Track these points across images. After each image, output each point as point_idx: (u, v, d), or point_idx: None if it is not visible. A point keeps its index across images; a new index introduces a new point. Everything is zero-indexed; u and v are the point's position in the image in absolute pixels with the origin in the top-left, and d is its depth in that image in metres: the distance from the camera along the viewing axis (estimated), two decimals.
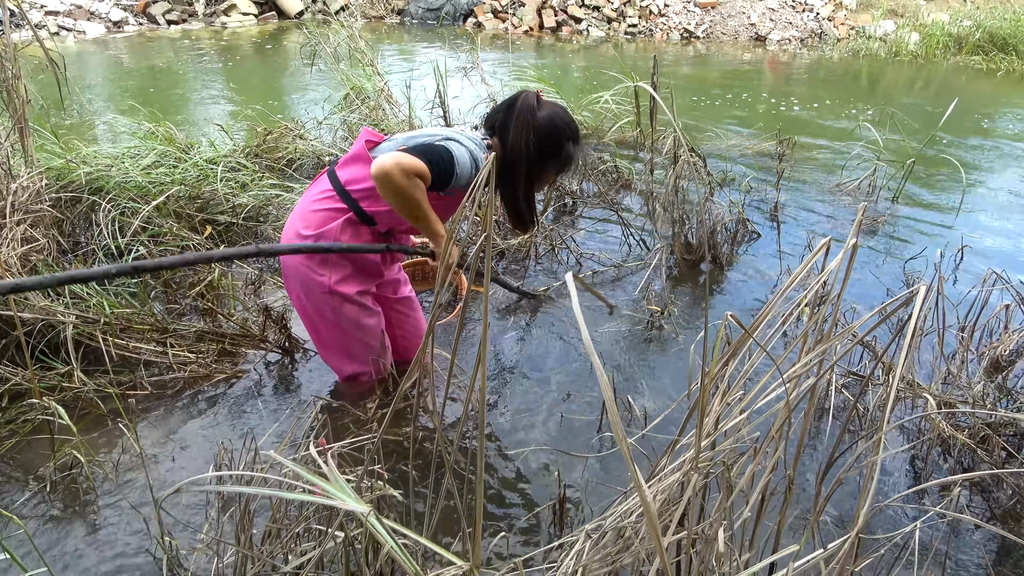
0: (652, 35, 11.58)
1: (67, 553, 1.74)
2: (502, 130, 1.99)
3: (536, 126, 1.95)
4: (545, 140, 1.97)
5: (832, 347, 1.17)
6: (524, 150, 1.96)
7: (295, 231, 2.03)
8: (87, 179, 3.16)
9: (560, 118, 2.00)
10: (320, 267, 2.03)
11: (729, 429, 1.23)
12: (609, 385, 0.66)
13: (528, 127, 1.94)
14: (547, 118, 1.97)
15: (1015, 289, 2.65)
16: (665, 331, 2.82)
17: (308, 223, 2.01)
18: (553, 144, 1.99)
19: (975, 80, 8.66)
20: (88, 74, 7.52)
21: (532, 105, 1.95)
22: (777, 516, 1.29)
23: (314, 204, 2.02)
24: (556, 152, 2.01)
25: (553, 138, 1.98)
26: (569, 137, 2.01)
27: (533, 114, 1.94)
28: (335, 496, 0.63)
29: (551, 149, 2.00)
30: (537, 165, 2.01)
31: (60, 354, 2.33)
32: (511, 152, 1.97)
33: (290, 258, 2.05)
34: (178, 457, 2.09)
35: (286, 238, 2.06)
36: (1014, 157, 5.43)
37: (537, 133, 1.95)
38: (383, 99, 4.48)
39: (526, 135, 1.94)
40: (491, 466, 2.10)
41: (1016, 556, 1.85)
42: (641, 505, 1.23)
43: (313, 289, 2.06)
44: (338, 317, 2.11)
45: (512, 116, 1.95)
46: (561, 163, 2.06)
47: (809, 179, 4.66)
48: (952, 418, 2.19)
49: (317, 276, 2.03)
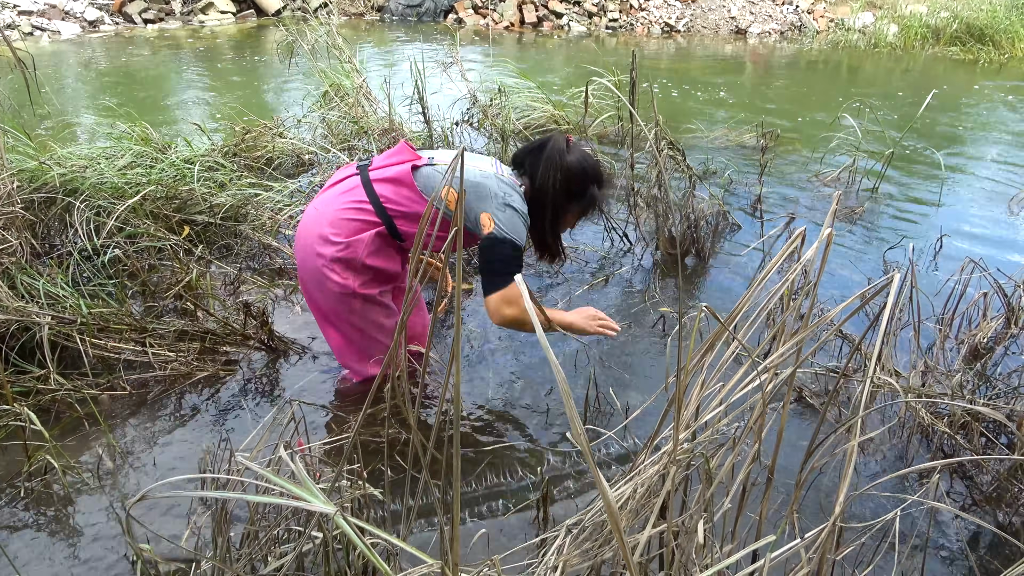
0: (633, 29, 11.59)
1: (39, 560, 1.72)
2: (532, 169, 2.07)
3: (564, 167, 2.04)
4: (572, 181, 2.06)
5: (809, 336, 1.17)
6: (551, 189, 2.05)
7: (322, 235, 2.01)
8: (61, 181, 3.11)
9: (587, 162, 2.09)
10: (344, 271, 2.03)
11: (708, 421, 1.23)
12: (565, 379, 0.65)
13: (557, 168, 2.03)
14: (575, 161, 2.06)
15: (992, 277, 2.67)
16: (652, 323, 2.82)
17: (339, 230, 2.00)
18: (579, 186, 2.08)
19: (953, 70, 8.74)
20: (63, 75, 7.41)
21: (562, 148, 2.04)
22: (759, 508, 1.29)
23: (347, 212, 2.01)
24: (581, 193, 2.10)
25: (579, 180, 2.07)
26: (594, 180, 2.11)
27: (562, 156, 2.04)
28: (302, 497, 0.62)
29: (577, 190, 2.09)
30: (563, 204, 2.10)
31: (36, 356, 2.30)
32: (539, 190, 2.06)
33: (310, 260, 2.04)
34: (158, 459, 2.07)
35: (309, 239, 2.04)
36: (992, 146, 5.49)
37: (565, 174, 2.04)
38: (362, 96, 4.44)
39: (554, 175, 2.03)
40: (473, 462, 2.09)
41: (995, 540, 1.86)
42: (620, 498, 1.23)
43: (335, 292, 2.05)
44: (362, 320, 2.11)
45: (542, 157, 2.04)
46: (586, 204, 2.14)
47: (789, 170, 4.68)
48: (933, 406, 2.20)
49: (340, 279, 2.03)
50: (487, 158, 2.12)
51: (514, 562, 1.54)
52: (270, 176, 3.86)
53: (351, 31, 10.83)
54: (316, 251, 2.02)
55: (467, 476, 2.04)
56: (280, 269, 3.17)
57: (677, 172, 3.90)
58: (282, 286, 3.04)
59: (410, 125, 4.40)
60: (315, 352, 2.61)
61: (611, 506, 0.63)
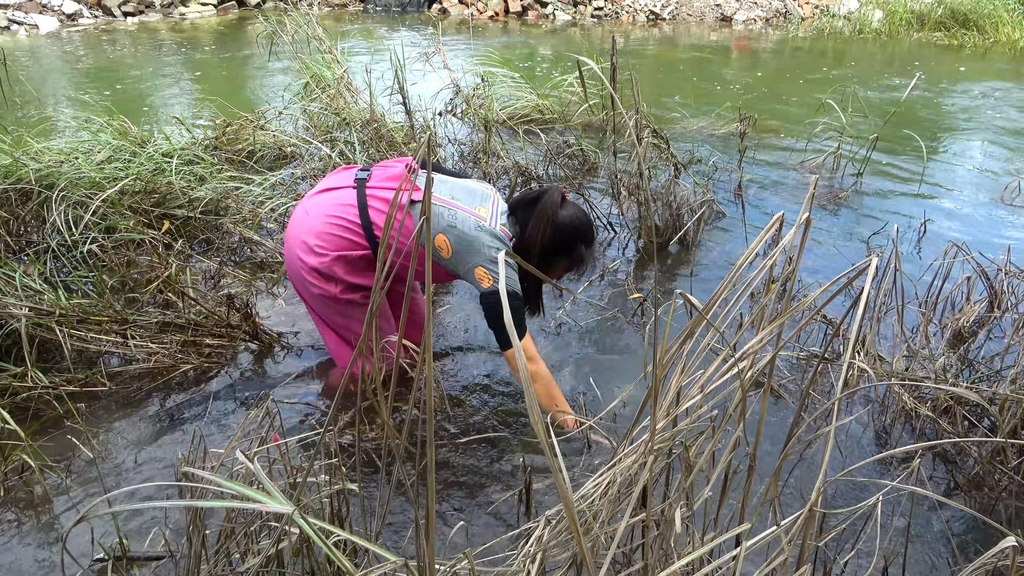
0: (618, 18, 11.54)
1: (12, 560, 1.69)
2: (523, 218, 2.07)
3: (555, 223, 2.03)
4: (560, 236, 2.05)
5: (789, 321, 1.16)
6: (539, 241, 2.03)
7: (307, 244, 1.98)
8: (36, 176, 3.06)
9: (580, 220, 2.09)
10: (324, 282, 2.01)
11: (688, 408, 1.21)
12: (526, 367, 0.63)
13: (548, 221, 2.02)
14: (567, 218, 2.06)
15: (975, 261, 2.67)
16: (639, 312, 2.81)
17: (324, 243, 1.97)
18: (568, 243, 2.08)
19: (938, 55, 8.75)
20: (41, 69, 7.31)
21: (556, 202, 2.04)
22: (742, 495, 1.28)
23: (334, 227, 1.97)
24: (569, 251, 2.10)
25: (569, 237, 2.07)
26: (583, 239, 2.10)
27: (555, 210, 2.03)
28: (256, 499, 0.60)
29: (565, 247, 2.08)
30: (549, 258, 2.09)
31: (13, 354, 2.26)
32: (527, 240, 2.05)
33: (294, 262, 2.02)
34: (138, 456, 2.04)
35: (293, 242, 2.01)
36: (976, 131, 5.50)
37: (555, 229, 2.04)
38: (343, 87, 4.40)
39: (544, 228, 2.02)
40: (453, 454, 2.08)
41: (977, 523, 1.87)
42: (599, 487, 1.22)
43: (315, 295, 2.04)
44: (346, 319, 2.10)
45: (535, 209, 2.03)
46: (572, 262, 2.14)
47: (773, 157, 4.68)
48: (916, 390, 2.21)
49: (322, 285, 2.01)
50: (488, 196, 2.07)
51: (496, 553, 1.53)
52: (251, 169, 3.81)
53: (334, 22, 10.73)
54: (299, 256, 2.00)
55: (448, 468, 2.03)
56: (262, 262, 3.14)
57: (662, 160, 3.88)
58: (264, 279, 3.01)
59: (392, 116, 4.35)
60: (300, 345, 2.58)
61: (568, 501, 0.62)
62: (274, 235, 3.31)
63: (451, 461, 2.05)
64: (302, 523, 0.61)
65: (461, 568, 0.99)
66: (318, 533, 0.64)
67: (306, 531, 0.63)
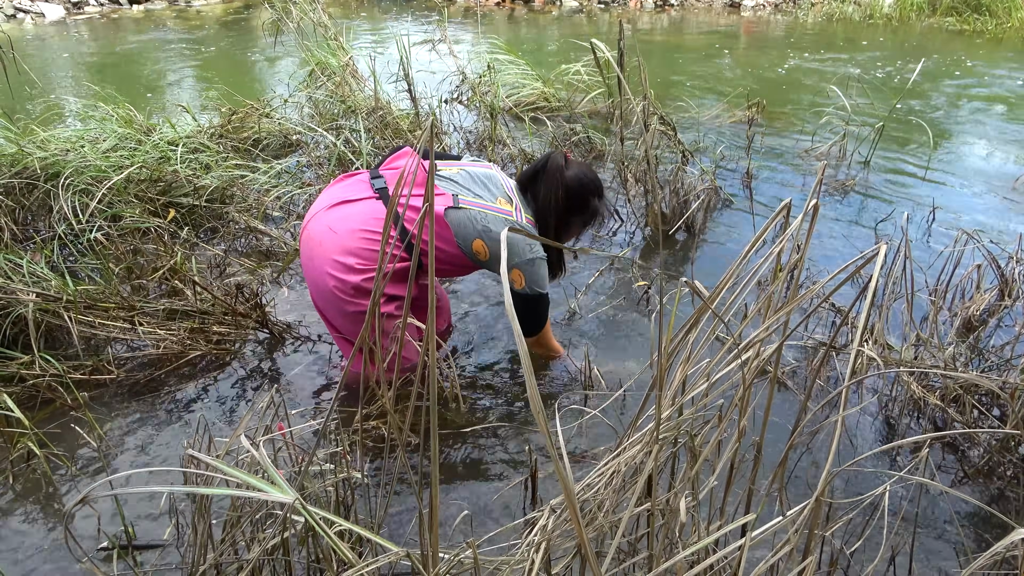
0: (626, 4, 11.45)
1: (19, 548, 1.70)
2: (534, 190, 2.13)
3: (565, 184, 2.10)
4: (573, 196, 2.12)
5: (797, 309, 1.15)
6: (554, 206, 2.10)
7: (342, 264, 1.94)
8: (42, 165, 3.06)
9: (587, 176, 2.15)
10: (359, 298, 1.97)
11: (694, 397, 1.20)
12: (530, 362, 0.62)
13: (558, 185, 2.08)
14: (575, 176, 2.12)
15: (986, 248, 2.65)
16: (644, 300, 2.80)
17: (363, 258, 1.94)
18: (580, 200, 2.14)
19: (949, 41, 8.65)
20: (47, 57, 7.31)
21: (561, 165, 2.09)
22: (747, 485, 1.27)
23: (370, 240, 1.94)
24: (583, 207, 2.16)
25: (580, 195, 2.14)
26: (594, 193, 2.17)
27: (562, 173, 2.09)
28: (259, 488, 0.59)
29: (578, 204, 2.15)
30: (565, 219, 2.15)
31: (20, 342, 2.27)
32: (543, 210, 2.11)
33: (322, 281, 1.97)
34: (146, 444, 2.05)
35: (322, 261, 1.96)
36: (987, 118, 5.44)
37: (566, 191, 2.10)
38: (348, 75, 4.38)
39: (556, 193, 2.09)
40: (458, 442, 2.08)
41: (986, 514, 1.85)
42: (604, 476, 1.21)
43: (352, 314, 2.01)
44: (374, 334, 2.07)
45: (543, 176, 2.10)
46: (588, 217, 2.20)
47: (781, 145, 4.63)
48: (924, 379, 2.19)
49: (358, 302, 1.98)
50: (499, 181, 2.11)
51: (501, 542, 1.53)
52: (257, 157, 3.81)
53: (340, 9, 10.69)
54: (332, 274, 1.94)
55: (453, 456, 2.03)
56: (267, 251, 3.14)
57: (669, 148, 3.86)
58: (270, 267, 3.01)
59: (397, 103, 4.33)
60: (309, 334, 2.58)
61: (569, 490, 0.61)
62: (279, 223, 3.30)
63: (456, 450, 2.05)
64: (305, 512, 0.61)
65: (465, 557, 0.99)
66: (320, 523, 0.63)
67: (310, 520, 0.63)
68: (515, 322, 0.68)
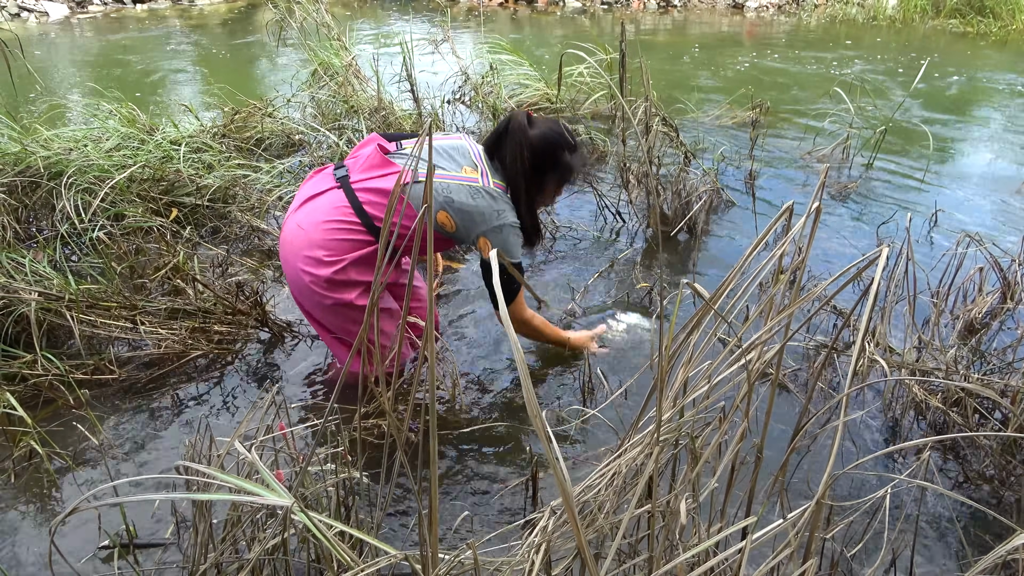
0: (629, 5, 11.44)
1: (18, 546, 1.70)
2: (500, 155, 2.04)
3: (530, 143, 2.00)
4: (540, 155, 2.02)
5: (798, 311, 1.15)
6: (521, 168, 2.00)
7: (313, 258, 1.94)
8: (45, 164, 3.07)
9: (552, 131, 2.04)
10: (339, 291, 1.97)
11: (695, 399, 1.20)
12: (524, 359, 0.62)
13: (522, 146, 1.99)
14: (539, 135, 2.02)
15: (988, 251, 2.64)
16: (646, 301, 2.80)
17: (331, 251, 1.93)
18: (549, 158, 2.04)
19: (953, 43, 8.63)
20: (51, 56, 7.32)
21: (523, 124, 2.00)
22: (748, 487, 1.27)
23: (337, 232, 1.94)
24: (554, 165, 2.06)
25: (548, 152, 2.03)
26: (563, 147, 2.05)
27: (525, 133, 1.99)
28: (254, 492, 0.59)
29: (548, 163, 2.04)
30: (538, 181, 2.06)
31: (22, 341, 2.27)
32: (510, 172, 2.02)
33: (298, 279, 1.98)
34: (148, 443, 2.05)
35: (295, 259, 1.96)
36: (990, 120, 5.43)
37: (532, 151, 2.01)
38: (351, 75, 4.38)
39: (521, 154, 1.99)
40: (459, 443, 2.07)
41: (987, 517, 1.85)
42: (604, 477, 1.21)
43: (330, 306, 2.00)
44: (356, 325, 2.06)
45: (506, 139, 2.01)
46: (561, 174, 2.10)
47: (783, 147, 4.63)
48: (926, 381, 2.18)
49: (336, 295, 1.97)
50: (466, 150, 2.06)
51: (501, 544, 1.53)
52: (259, 157, 3.81)
53: (343, 9, 10.69)
54: (305, 270, 1.95)
55: (453, 458, 2.03)
56: (269, 251, 3.14)
57: (671, 149, 3.85)
58: (272, 267, 3.01)
59: (400, 103, 4.33)
60: (309, 333, 2.58)
61: (567, 493, 0.61)
62: (282, 223, 3.30)
63: (456, 450, 2.05)
64: (301, 516, 0.61)
65: (465, 558, 0.99)
66: (318, 526, 0.63)
67: (307, 523, 0.63)
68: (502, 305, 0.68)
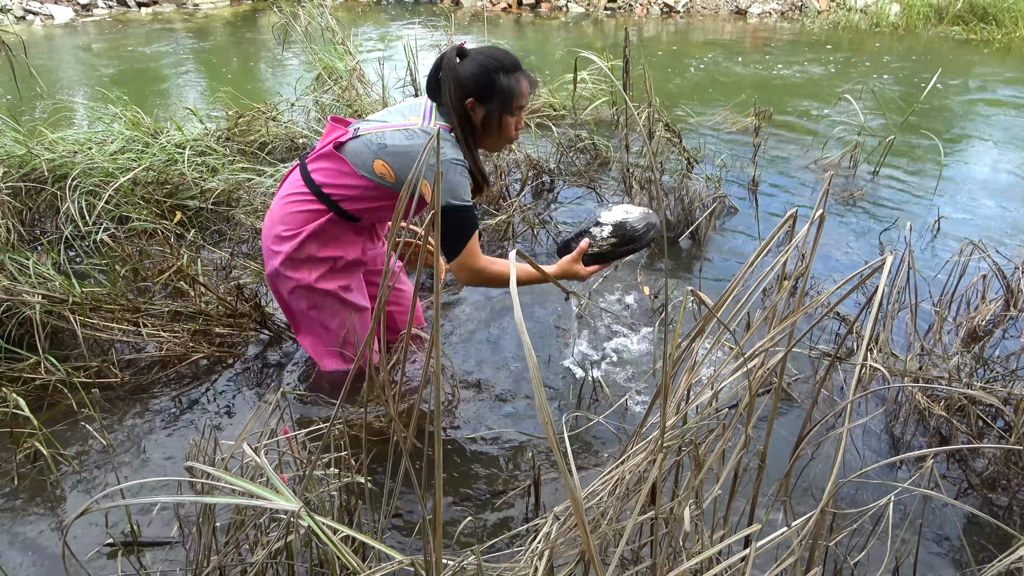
0: (632, 10, 11.47)
1: (23, 547, 1.70)
2: (440, 96, 1.90)
3: (460, 77, 1.85)
4: (474, 83, 1.85)
5: (801, 319, 1.15)
6: (457, 104, 1.86)
7: (274, 233, 1.99)
8: (50, 166, 3.08)
9: (484, 56, 1.87)
10: (298, 270, 1.99)
11: (698, 406, 1.20)
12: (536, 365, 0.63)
13: (455, 81, 1.85)
14: (469, 66, 1.86)
15: (991, 259, 2.64)
16: (642, 305, 2.80)
17: (287, 224, 1.97)
18: (485, 84, 1.86)
19: (956, 50, 8.64)
20: (56, 59, 7.34)
21: (452, 58, 1.85)
22: (751, 494, 1.27)
23: (291, 205, 1.97)
24: (490, 92, 1.87)
25: (482, 78, 1.86)
26: (497, 70, 1.86)
27: (454, 67, 1.85)
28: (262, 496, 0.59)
29: (485, 91, 1.87)
30: (487, 116, 1.90)
31: (26, 343, 2.28)
32: (452, 111, 1.87)
33: (269, 261, 2.02)
34: (151, 445, 2.05)
35: (266, 243, 2.02)
36: (994, 127, 5.43)
37: (464, 81, 1.85)
38: (355, 79, 4.39)
39: (454, 90, 1.85)
40: (462, 449, 2.07)
41: (990, 525, 1.85)
42: (608, 484, 1.21)
43: (293, 291, 2.03)
44: (321, 312, 2.07)
45: (442, 77, 1.87)
46: (502, 100, 1.89)
47: (788, 154, 4.63)
48: (929, 389, 2.18)
49: (296, 275, 2.00)
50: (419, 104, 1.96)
51: (504, 549, 1.53)
52: (263, 160, 3.82)
53: (347, 14, 10.73)
54: (272, 250, 2.00)
55: (456, 463, 2.03)
56: None
57: (674, 155, 3.86)
58: None
59: None
60: None
61: (576, 501, 0.61)
62: None
63: (460, 455, 2.05)
64: (308, 520, 0.61)
65: (468, 564, 0.99)
66: (324, 530, 0.64)
67: (314, 528, 0.63)
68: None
